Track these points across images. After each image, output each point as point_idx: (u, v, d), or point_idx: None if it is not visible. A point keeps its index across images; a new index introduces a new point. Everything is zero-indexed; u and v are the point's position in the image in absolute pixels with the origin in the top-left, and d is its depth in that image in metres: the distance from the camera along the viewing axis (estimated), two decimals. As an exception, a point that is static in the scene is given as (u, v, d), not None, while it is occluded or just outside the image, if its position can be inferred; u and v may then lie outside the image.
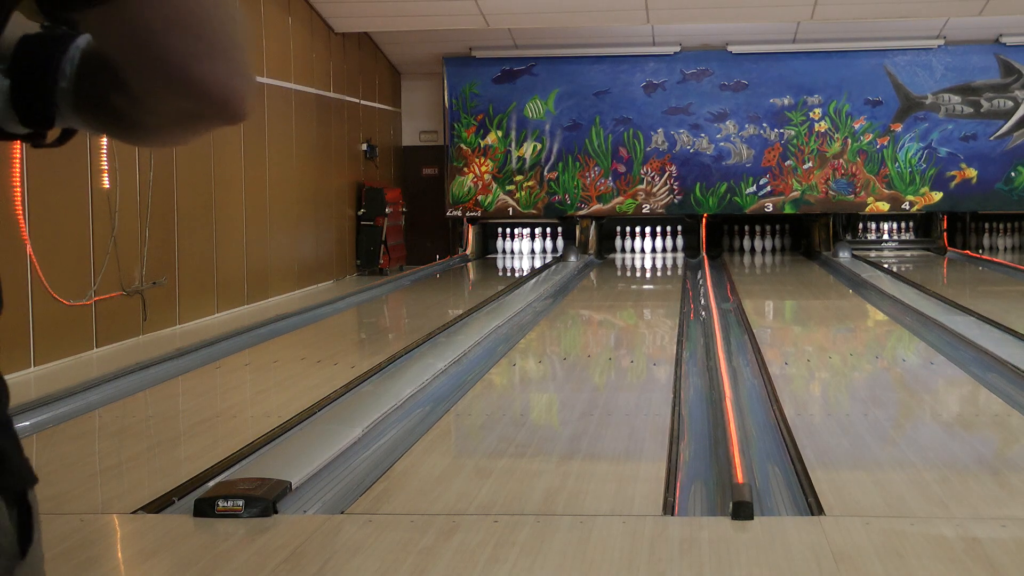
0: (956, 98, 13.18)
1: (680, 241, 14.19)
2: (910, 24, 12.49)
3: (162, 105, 0.93)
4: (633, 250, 14.27)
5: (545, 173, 13.62)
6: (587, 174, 13.57)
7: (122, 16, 0.86)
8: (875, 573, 3.05)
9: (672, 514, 3.62)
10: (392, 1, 11.22)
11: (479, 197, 13.62)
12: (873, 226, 14.26)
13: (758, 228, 14.32)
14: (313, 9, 11.05)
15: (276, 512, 3.57)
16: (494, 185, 13.63)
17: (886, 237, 14.10)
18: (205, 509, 3.54)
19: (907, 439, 4.66)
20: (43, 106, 0.97)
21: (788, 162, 13.40)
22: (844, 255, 13.05)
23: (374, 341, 8.12)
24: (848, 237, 13.91)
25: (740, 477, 3.79)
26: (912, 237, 14.20)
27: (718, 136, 13.45)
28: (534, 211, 13.69)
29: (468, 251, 13.92)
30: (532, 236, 14.27)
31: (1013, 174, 13.20)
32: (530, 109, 13.54)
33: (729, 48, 13.27)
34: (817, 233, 13.70)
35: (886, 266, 12.20)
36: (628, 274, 12.75)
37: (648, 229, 14.25)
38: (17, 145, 6.34)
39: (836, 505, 3.62)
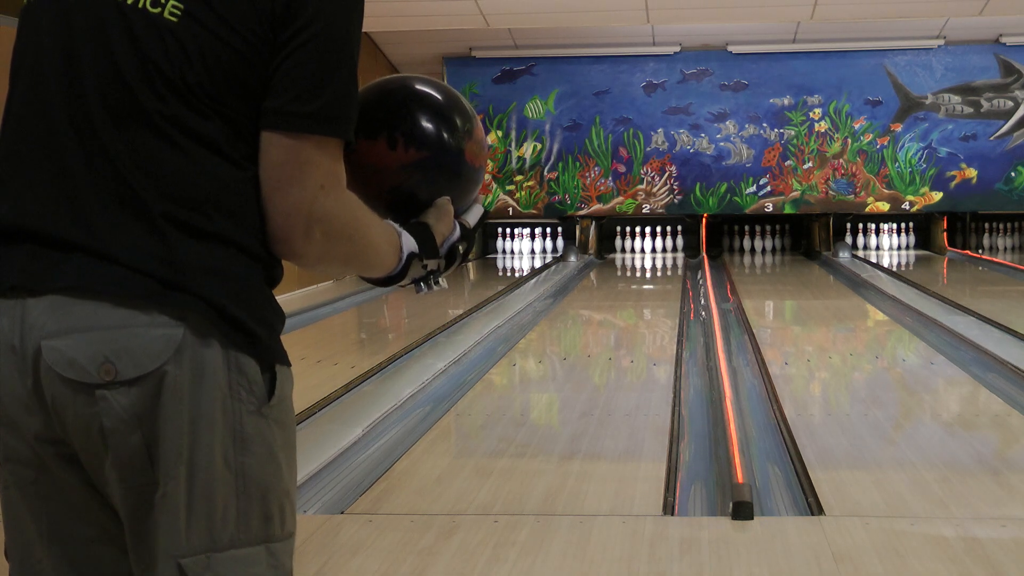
0: (956, 98, 13.18)
1: (680, 241, 14.18)
2: (910, 24, 12.48)
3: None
4: (633, 250, 14.27)
5: (545, 173, 13.62)
6: (587, 174, 13.57)
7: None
8: (875, 573, 3.06)
9: (672, 514, 3.62)
10: (392, 1, 11.21)
11: (479, 197, 13.60)
12: (873, 227, 14.25)
13: (758, 228, 14.32)
14: (313, 9, 11.03)
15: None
16: (494, 185, 13.64)
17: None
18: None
19: (907, 439, 4.67)
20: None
21: (788, 162, 13.40)
22: (844, 255, 13.05)
23: (374, 341, 8.12)
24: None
25: (740, 477, 3.80)
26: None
27: (718, 136, 13.44)
28: (534, 211, 13.69)
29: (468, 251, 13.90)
30: (532, 236, 14.27)
31: (1013, 174, 13.20)
32: (530, 109, 13.54)
33: (729, 48, 13.27)
34: (817, 233, 13.70)
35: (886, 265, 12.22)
36: (628, 274, 12.75)
37: (648, 229, 14.25)
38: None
39: (836, 505, 3.62)
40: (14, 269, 1.41)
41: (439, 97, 1.76)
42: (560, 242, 14.14)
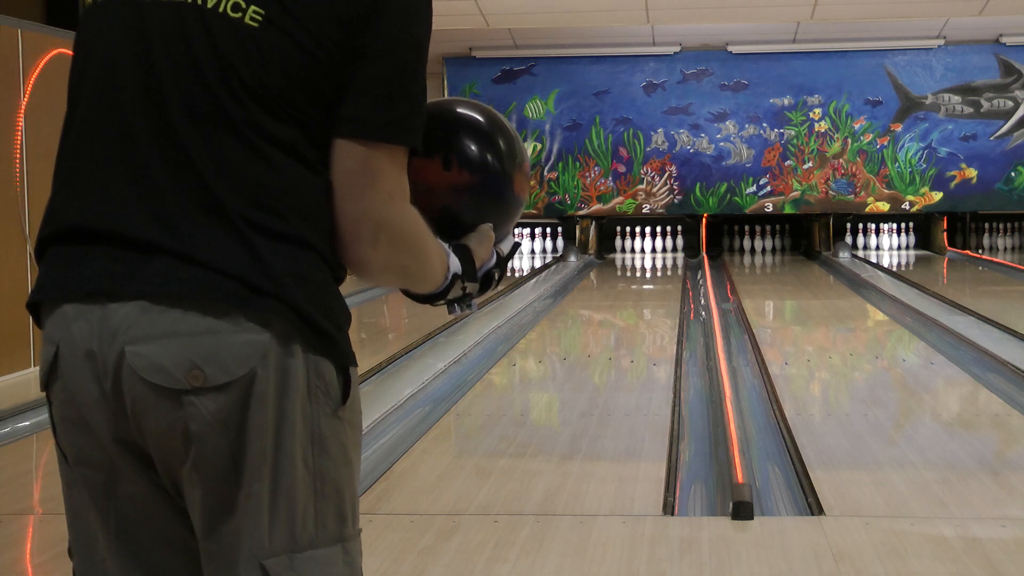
0: (956, 98, 13.18)
1: (680, 241, 14.19)
2: (910, 24, 12.49)
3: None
4: (633, 250, 14.27)
5: (545, 173, 13.62)
6: (587, 174, 13.57)
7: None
8: (875, 573, 3.06)
9: (672, 514, 3.62)
10: (392, 1, 11.20)
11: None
12: (873, 227, 14.25)
13: (758, 228, 14.32)
14: (313, 9, 11.03)
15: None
16: (494, 185, 13.62)
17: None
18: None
19: (907, 439, 4.67)
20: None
21: (788, 162, 13.40)
22: (844, 255, 13.05)
23: (374, 341, 8.11)
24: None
25: (740, 477, 3.80)
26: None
27: (718, 136, 13.45)
28: (534, 211, 13.69)
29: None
30: (532, 236, 14.27)
31: (1013, 174, 13.20)
32: (530, 109, 13.54)
33: (729, 48, 13.27)
34: (817, 233, 13.70)
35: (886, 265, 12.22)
36: (628, 274, 12.75)
37: (648, 229, 14.25)
38: (18, 142, 6.34)
39: (836, 505, 3.62)
40: (92, 273, 1.40)
41: (490, 124, 1.78)
42: (560, 242, 14.14)
